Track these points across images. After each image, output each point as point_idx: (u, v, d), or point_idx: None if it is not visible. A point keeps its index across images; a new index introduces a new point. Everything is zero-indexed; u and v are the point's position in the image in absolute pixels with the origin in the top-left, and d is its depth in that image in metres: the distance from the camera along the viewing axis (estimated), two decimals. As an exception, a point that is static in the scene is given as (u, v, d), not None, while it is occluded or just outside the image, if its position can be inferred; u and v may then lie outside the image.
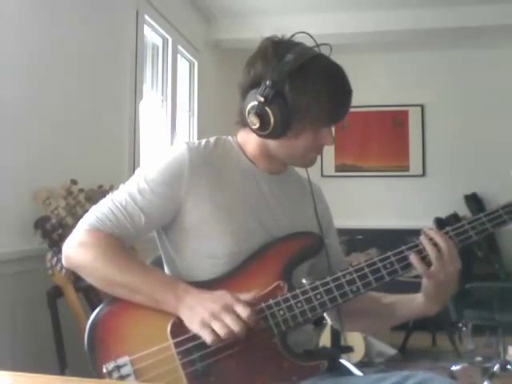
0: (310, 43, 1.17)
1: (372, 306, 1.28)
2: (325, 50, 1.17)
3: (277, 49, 1.13)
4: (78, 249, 1.13)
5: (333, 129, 1.20)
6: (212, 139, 1.24)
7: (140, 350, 1.07)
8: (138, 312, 1.11)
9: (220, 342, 1.03)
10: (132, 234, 1.16)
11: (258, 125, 1.14)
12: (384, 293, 1.27)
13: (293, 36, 1.16)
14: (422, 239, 1.12)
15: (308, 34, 1.18)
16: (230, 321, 1.01)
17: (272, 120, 1.12)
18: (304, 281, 1.23)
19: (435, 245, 1.10)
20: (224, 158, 1.22)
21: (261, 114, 1.12)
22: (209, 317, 1.02)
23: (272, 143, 1.19)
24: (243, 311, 1.02)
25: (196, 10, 4.14)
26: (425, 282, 1.15)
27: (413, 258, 1.11)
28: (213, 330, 1.02)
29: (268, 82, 1.11)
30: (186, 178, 1.15)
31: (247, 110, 1.15)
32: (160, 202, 1.15)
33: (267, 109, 1.12)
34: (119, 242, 1.14)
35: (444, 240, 1.10)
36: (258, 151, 1.23)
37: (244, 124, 1.20)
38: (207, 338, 1.02)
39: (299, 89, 1.11)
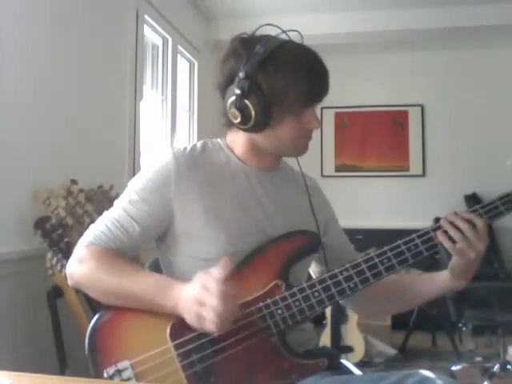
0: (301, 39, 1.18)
1: (389, 290, 1.27)
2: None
3: (245, 43, 1.15)
4: (76, 266, 1.14)
5: (317, 113, 1.19)
6: (199, 143, 1.24)
7: (140, 353, 1.07)
8: (136, 316, 1.11)
9: (221, 331, 0.99)
10: (129, 246, 1.16)
11: (239, 119, 1.14)
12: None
13: (258, 29, 1.17)
14: (444, 223, 1.13)
15: (275, 25, 1.18)
16: (211, 316, 0.96)
17: (252, 111, 1.12)
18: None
19: (458, 228, 1.11)
20: (212, 160, 1.21)
21: (240, 107, 1.12)
22: (197, 321, 1.00)
23: (259, 138, 1.18)
24: (213, 301, 0.96)
25: (196, 9, 4.14)
26: (455, 260, 1.15)
27: (439, 236, 1.12)
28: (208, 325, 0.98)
29: (241, 75, 1.11)
30: (173, 184, 1.15)
31: (228, 106, 1.15)
32: (151, 210, 1.15)
33: (246, 101, 1.12)
34: (115, 254, 1.14)
35: (471, 219, 1.12)
36: (246, 149, 1.22)
37: (230, 124, 1.20)
38: (208, 329, 0.99)
39: (272, 75, 1.11)
